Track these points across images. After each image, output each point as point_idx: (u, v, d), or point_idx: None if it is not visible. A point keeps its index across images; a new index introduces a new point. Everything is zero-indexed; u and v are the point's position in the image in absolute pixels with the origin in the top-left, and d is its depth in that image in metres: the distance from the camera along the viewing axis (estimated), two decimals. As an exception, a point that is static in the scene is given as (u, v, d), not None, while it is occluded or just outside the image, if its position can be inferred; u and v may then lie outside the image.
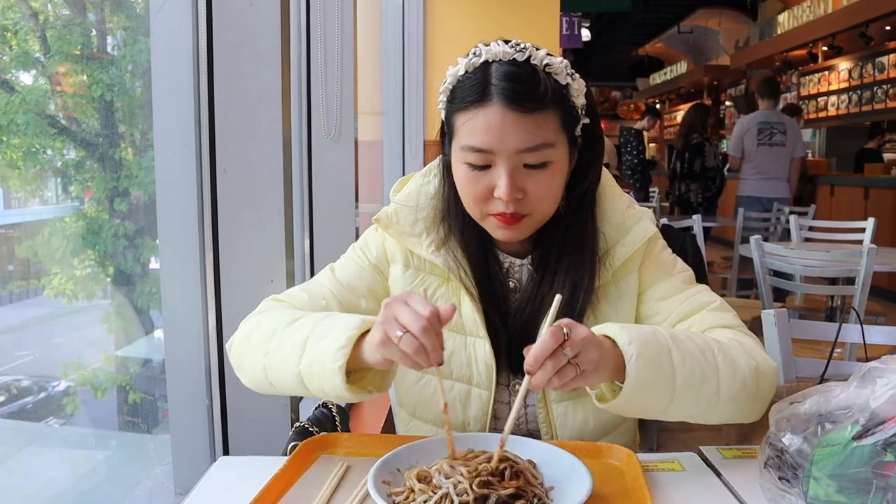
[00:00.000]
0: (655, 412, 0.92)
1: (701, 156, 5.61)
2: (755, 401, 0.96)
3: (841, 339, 1.37)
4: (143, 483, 1.73)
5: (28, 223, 1.91)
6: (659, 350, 0.89)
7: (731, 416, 0.96)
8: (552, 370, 0.79)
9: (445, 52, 4.11)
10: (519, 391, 0.83)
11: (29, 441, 1.78)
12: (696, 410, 0.93)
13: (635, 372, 0.86)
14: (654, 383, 0.88)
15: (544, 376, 0.79)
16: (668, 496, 0.88)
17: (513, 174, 0.95)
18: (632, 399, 0.88)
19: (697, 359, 0.92)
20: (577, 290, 1.04)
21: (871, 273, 2.76)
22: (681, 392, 0.89)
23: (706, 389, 0.91)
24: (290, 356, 0.92)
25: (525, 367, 0.80)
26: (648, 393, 0.88)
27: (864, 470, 0.76)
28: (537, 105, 0.94)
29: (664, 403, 0.90)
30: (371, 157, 3.43)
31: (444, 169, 1.08)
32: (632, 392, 0.87)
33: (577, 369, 0.80)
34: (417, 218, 1.09)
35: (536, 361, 0.79)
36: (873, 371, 0.81)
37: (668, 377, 0.89)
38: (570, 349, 0.80)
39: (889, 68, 7.95)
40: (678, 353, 0.90)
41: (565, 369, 0.80)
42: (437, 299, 1.09)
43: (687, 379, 0.90)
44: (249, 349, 0.99)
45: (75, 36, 1.77)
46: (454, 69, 1.00)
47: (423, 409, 1.13)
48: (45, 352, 1.93)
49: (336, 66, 1.98)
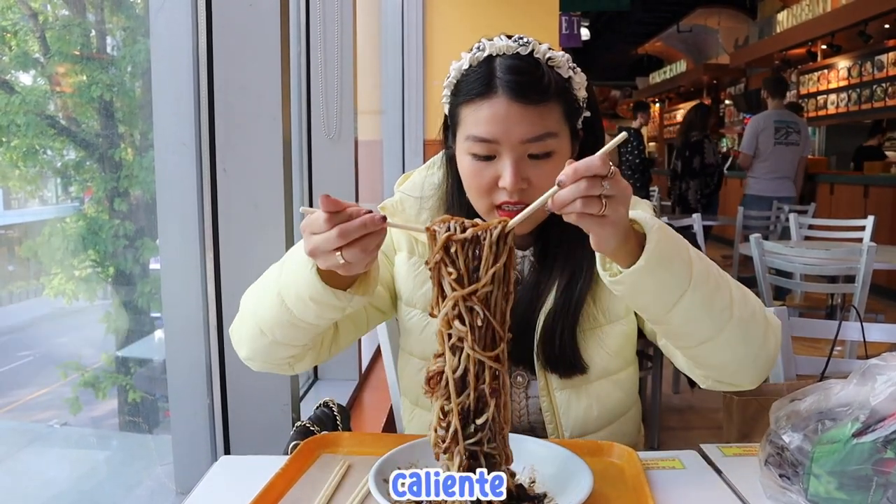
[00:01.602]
0: (667, 301, 0.85)
1: (700, 153, 5.61)
2: (762, 346, 0.92)
3: (841, 336, 1.37)
4: (145, 483, 1.73)
5: (28, 223, 1.91)
6: (677, 240, 0.86)
7: (738, 349, 0.91)
8: (584, 191, 0.74)
9: (445, 52, 4.11)
10: (539, 198, 0.78)
11: (29, 441, 1.78)
12: (706, 318, 0.87)
13: (654, 242, 0.81)
14: (671, 260, 0.83)
15: (574, 193, 0.74)
16: (668, 494, 0.88)
17: (517, 164, 0.96)
18: (648, 272, 0.82)
19: (712, 272, 0.89)
20: (575, 277, 1.05)
21: (871, 271, 2.77)
22: (696, 283, 0.85)
23: (720, 298, 0.88)
24: (270, 286, 0.93)
25: (559, 176, 0.75)
26: (665, 269, 0.83)
27: (865, 467, 0.76)
28: (541, 97, 0.96)
29: (678, 292, 0.84)
30: (371, 157, 3.43)
31: (447, 162, 1.10)
32: (649, 265, 0.81)
33: (602, 206, 0.75)
34: (422, 207, 1.11)
35: (576, 173, 0.74)
36: (873, 368, 0.81)
37: (685, 262, 0.85)
38: (609, 184, 0.75)
39: (888, 66, 7.95)
40: (695, 254, 0.87)
41: (593, 200, 0.75)
42: None
43: (703, 275, 0.86)
44: (242, 316, 1.01)
45: (75, 36, 1.77)
46: (458, 64, 1.01)
47: (427, 398, 1.13)
48: (46, 352, 1.93)
49: (336, 65, 1.98)
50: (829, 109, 9.23)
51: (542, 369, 1.07)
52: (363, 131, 2.29)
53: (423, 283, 1.10)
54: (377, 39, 3.50)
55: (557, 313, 1.04)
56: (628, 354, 1.12)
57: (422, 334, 1.11)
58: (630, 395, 1.15)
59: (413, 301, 1.12)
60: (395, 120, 3.92)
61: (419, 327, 1.11)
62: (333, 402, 1.21)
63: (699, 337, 0.89)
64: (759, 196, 5.17)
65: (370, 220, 0.76)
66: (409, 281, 1.12)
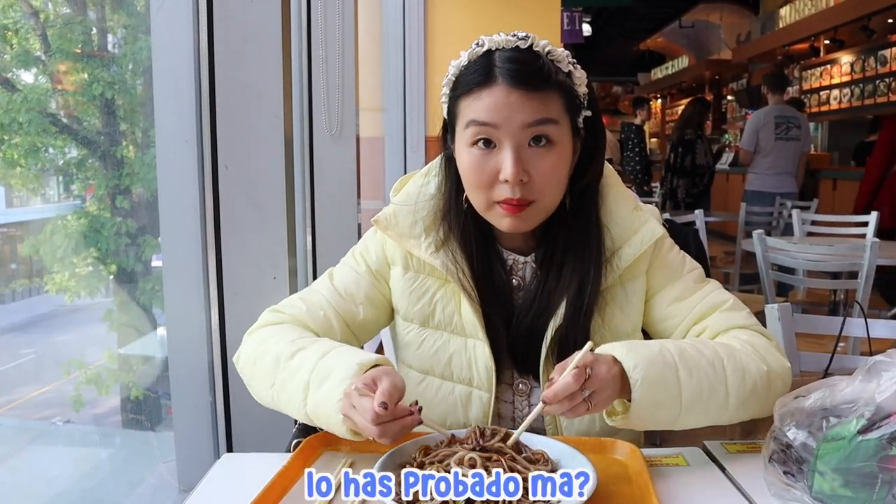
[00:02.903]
0: (665, 426, 0.94)
1: (692, 153, 5.59)
2: (766, 402, 0.97)
3: (845, 333, 1.37)
4: (147, 480, 1.73)
5: (30, 221, 1.91)
6: (665, 369, 0.91)
7: (743, 418, 0.98)
8: (567, 406, 0.85)
9: (446, 48, 4.11)
10: (529, 415, 0.88)
11: (32, 439, 1.78)
12: (705, 419, 0.95)
13: (640, 396, 0.89)
14: (660, 403, 0.91)
15: (559, 409, 0.85)
16: (672, 491, 0.87)
17: (518, 152, 0.95)
18: (639, 418, 0.91)
19: (705, 371, 0.93)
20: (583, 289, 1.03)
21: (875, 267, 2.76)
22: (688, 407, 0.92)
23: (714, 401, 0.94)
24: (295, 397, 0.95)
25: (543, 397, 0.85)
26: (655, 412, 0.91)
27: (870, 464, 0.76)
28: (542, 84, 0.95)
29: (672, 418, 0.93)
30: (373, 154, 3.43)
31: (445, 163, 1.08)
32: (639, 412, 0.90)
33: (589, 405, 0.86)
34: (416, 218, 1.09)
35: (556, 398, 0.84)
36: (879, 364, 0.81)
37: (674, 396, 0.91)
38: (588, 390, 0.85)
39: (891, 61, 7.92)
40: (685, 369, 0.92)
41: (578, 406, 0.85)
42: (436, 301, 1.09)
43: (694, 394, 0.92)
44: (256, 375, 1.02)
45: (76, 34, 1.77)
46: (457, 61, 1.00)
47: (426, 410, 1.11)
48: (49, 350, 1.93)
49: (337, 62, 1.97)
50: (831, 105, 9.19)
51: (547, 381, 1.06)
52: (365, 128, 2.29)
53: (419, 298, 1.09)
54: (379, 36, 3.50)
55: (568, 326, 1.03)
56: None
57: (419, 349, 1.10)
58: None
59: (410, 316, 1.10)
60: (396, 117, 3.92)
61: (417, 341, 1.10)
62: (336, 399, 1.21)
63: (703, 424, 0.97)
64: (761, 192, 5.15)
65: (411, 423, 0.85)
66: (405, 296, 1.10)
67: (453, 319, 1.07)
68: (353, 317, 1.09)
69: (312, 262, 1.99)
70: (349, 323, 1.09)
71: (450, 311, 1.08)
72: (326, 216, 2.03)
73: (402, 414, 0.84)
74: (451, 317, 1.07)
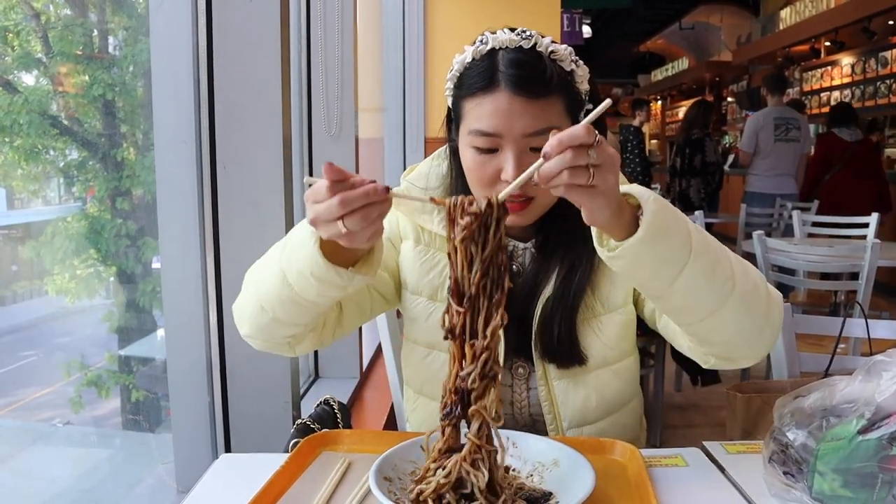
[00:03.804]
0: (668, 274, 0.83)
1: (701, 151, 5.59)
2: (766, 319, 0.91)
3: (845, 333, 1.37)
4: (146, 481, 1.73)
5: (31, 223, 1.91)
6: (677, 216, 0.84)
7: (743, 321, 0.89)
8: (570, 162, 0.73)
9: (446, 49, 4.11)
10: (524, 173, 0.78)
11: (32, 440, 1.78)
12: (708, 290, 0.85)
13: (652, 213, 0.79)
14: (669, 230, 0.81)
15: (559, 164, 0.73)
16: (671, 492, 0.87)
17: (520, 158, 0.96)
18: (648, 243, 0.80)
19: (712, 242, 0.88)
20: (574, 267, 1.05)
21: (875, 268, 2.76)
22: (696, 254, 0.83)
23: (721, 270, 0.86)
24: (272, 265, 0.92)
25: (545, 148, 0.73)
26: (664, 240, 0.81)
27: (870, 464, 0.76)
28: (543, 91, 0.96)
29: (679, 263, 0.82)
30: (372, 155, 3.42)
31: (451, 154, 1.10)
32: (648, 230, 0.79)
33: (589, 176, 0.74)
34: (428, 195, 1.11)
35: (560, 144, 0.72)
36: (879, 364, 0.81)
37: (684, 233, 0.83)
38: (595, 153, 0.73)
39: (892, 63, 7.92)
40: (694, 227, 0.86)
41: (580, 170, 0.74)
42: (447, 274, 1.08)
43: (703, 246, 0.84)
44: (244, 293, 1.00)
45: (77, 36, 1.77)
46: (461, 57, 1.02)
47: (430, 385, 1.14)
48: (49, 351, 1.93)
49: (336, 63, 1.97)
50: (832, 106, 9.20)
51: (539, 359, 1.07)
52: (364, 129, 2.28)
53: (429, 270, 1.11)
54: (378, 36, 3.50)
55: (556, 302, 1.05)
56: (627, 344, 1.12)
57: (427, 321, 1.11)
58: (630, 386, 1.15)
59: (419, 289, 1.12)
60: (396, 117, 3.92)
61: (425, 314, 1.11)
62: (334, 399, 1.21)
63: (702, 311, 0.87)
64: (761, 193, 5.16)
65: (373, 190, 0.74)
66: (414, 269, 1.12)
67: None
68: None
69: (312, 264, 1.99)
70: None
71: None
72: (326, 217, 2.02)
73: (360, 182, 0.75)
74: None
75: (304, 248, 0.85)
